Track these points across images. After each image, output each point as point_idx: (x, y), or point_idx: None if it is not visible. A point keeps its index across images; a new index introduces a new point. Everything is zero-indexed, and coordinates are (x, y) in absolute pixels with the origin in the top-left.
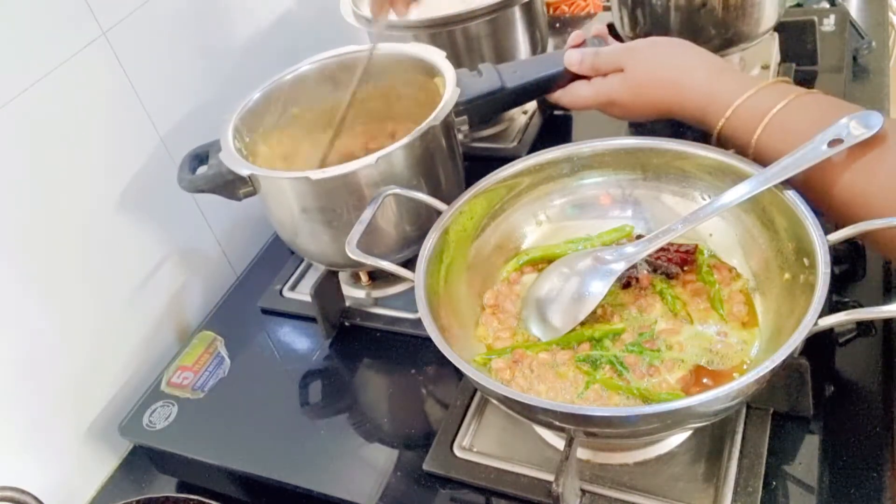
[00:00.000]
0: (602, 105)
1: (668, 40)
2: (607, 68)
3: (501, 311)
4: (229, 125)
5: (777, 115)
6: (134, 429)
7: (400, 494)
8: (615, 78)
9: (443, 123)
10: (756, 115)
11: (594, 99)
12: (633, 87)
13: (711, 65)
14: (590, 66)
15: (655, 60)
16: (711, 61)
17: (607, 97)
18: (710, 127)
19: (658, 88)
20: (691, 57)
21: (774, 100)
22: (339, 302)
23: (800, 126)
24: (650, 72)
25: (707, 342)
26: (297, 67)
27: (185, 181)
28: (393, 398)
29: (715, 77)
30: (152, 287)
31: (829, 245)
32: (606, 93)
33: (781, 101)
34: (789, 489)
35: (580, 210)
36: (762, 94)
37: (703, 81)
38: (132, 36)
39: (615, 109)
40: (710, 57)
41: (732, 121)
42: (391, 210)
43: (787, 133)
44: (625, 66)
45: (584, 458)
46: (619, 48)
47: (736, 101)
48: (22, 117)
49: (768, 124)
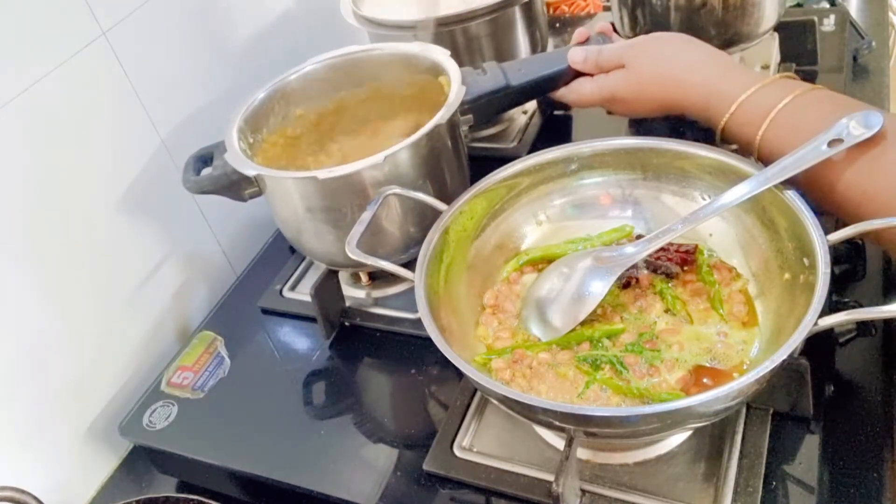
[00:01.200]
0: (605, 101)
1: (671, 36)
2: (610, 65)
3: (501, 311)
4: (234, 126)
5: (782, 111)
6: (134, 429)
7: (400, 494)
8: (618, 74)
9: (448, 122)
10: (761, 112)
11: (597, 95)
12: (635, 84)
13: (716, 61)
14: (593, 63)
15: (659, 57)
16: (716, 58)
17: (610, 93)
18: (714, 123)
19: (661, 85)
20: (696, 53)
21: (779, 96)
22: (339, 302)
23: (805, 122)
24: (653, 68)
25: (707, 342)
26: (301, 68)
27: (190, 183)
28: (393, 398)
29: (720, 74)
30: (152, 287)
31: (829, 245)
32: (609, 89)
33: (786, 97)
34: (789, 489)
35: (580, 210)
36: (767, 90)
37: (708, 78)
38: (132, 36)
39: (618, 106)
40: (715, 53)
41: (737, 117)
42: (395, 211)
43: (793, 129)
44: (627, 63)
45: (584, 458)
46: (622, 45)
47: (740, 97)
48: (22, 117)
49: (773, 120)
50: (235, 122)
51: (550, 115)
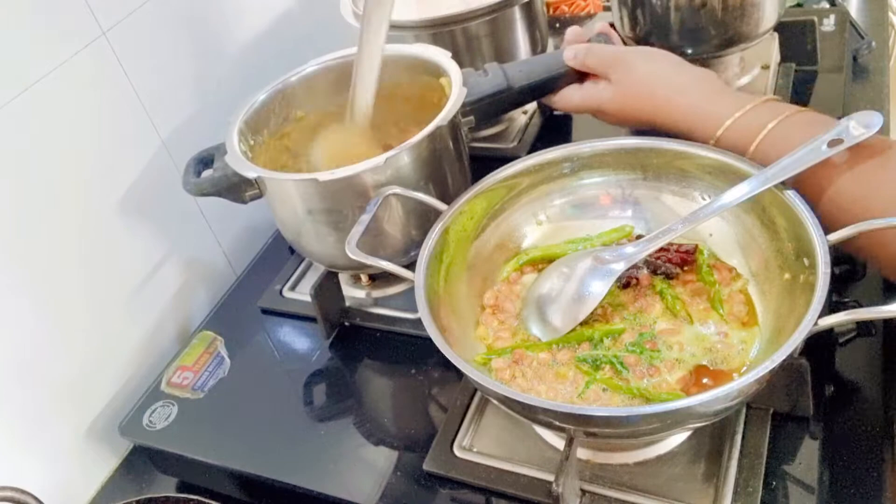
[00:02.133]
0: (590, 110)
1: (661, 54)
2: (595, 68)
3: (501, 311)
4: (234, 127)
5: (769, 134)
6: (134, 429)
7: (400, 494)
8: (604, 88)
9: (450, 124)
10: (748, 134)
11: (582, 104)
12: (620, 100)
13: (703, 85)
14: (581, 62)
15: (647, 75)
16: (704, 81)
17: (595, 104)
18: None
19: (647, 103)
20: (685, 76)
21: (767, 119)
22: (339, 302)
23: (793, 145)
24: (641, 85)
25: (707, 342)
26: (302, 69)
27: (191, 185)
28: (393, 398)
29: (707, 97)
30: (152, 287)
31: (829, 245)
32: (595, 102)
33: (773, 120)
34: (789, 489)
35: (580, 210)
36: (754, 113)
37: (695, 100)
38: (132, 36)
39: (603, 116)
40: (703, 75)
41: (724, 140)
42: (397, 213)
43: (781, 152)
44: (613, 79)
45: (584, 458)
46: (611, 53)
47: (727, 120)
48: (22, 117)
49: (761, 143)
50: (236, 123)
51: (550, 115)
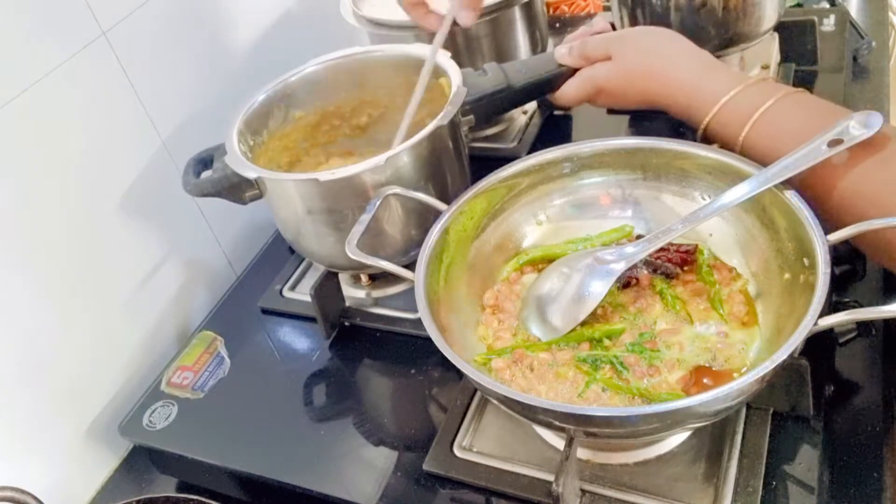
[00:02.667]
0: (589, 94)
1: (658, 29)
2: (596, 55)
3: (501, 311)
4: (234, 128)
5: (765, 113)
6: (134, 429)
7: (400, 494)
8: (604, 66)
9: (450, 124)
10: (743, 114)
11: (583, 89)
12: (623, 75)
13: (701, 60)
14: (578, 54)
15: (646, 49)
16: (702, 56)
17: (596, 85)
18: (696, 122)
19: (646, 77)
20: (682, 49)
21: (763, 98)
22: (339, 302)
23: (788, 125)
24: (639, 60)
25: (707, 342)
26: (301, 69)
27: (190, 185)
28: (393, 398)
29: (704, 72)
30: (152, 287)
31: (829, 245)
32: (595, 81)
33: (770, 100)
34: (789, 489)
35: (580, 210)
36: (750, 92)
37: (692, 75)
38: (132, 36)
39: (602, 97)
40: (701, 52)
41: (720, 117)
42: (396, 213)
43: (776, 131)
44: (613, 54)
45: (584, 458)
46: (608, 36)
47: (723, 97)
48: (22, 117)
49: (757, 122)
50: (235, 124)
51: (550, 115)
